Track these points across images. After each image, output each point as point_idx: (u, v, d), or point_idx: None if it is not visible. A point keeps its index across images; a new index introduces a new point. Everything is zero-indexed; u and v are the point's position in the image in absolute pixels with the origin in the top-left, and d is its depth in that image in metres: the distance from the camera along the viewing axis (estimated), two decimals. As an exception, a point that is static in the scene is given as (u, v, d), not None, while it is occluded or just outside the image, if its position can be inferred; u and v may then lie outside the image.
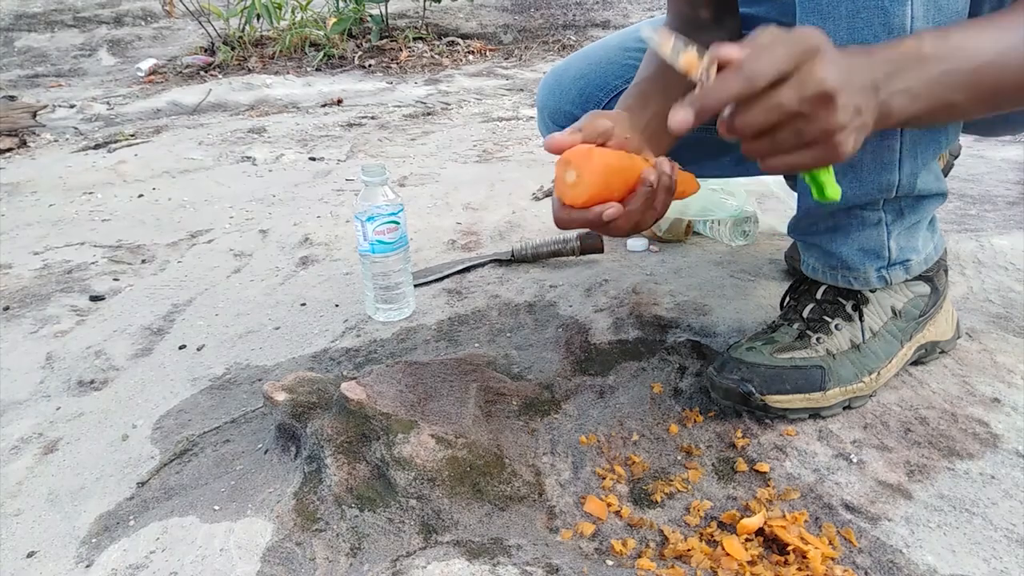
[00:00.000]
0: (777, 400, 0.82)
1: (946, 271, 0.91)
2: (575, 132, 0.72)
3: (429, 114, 2.77)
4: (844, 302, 0.87)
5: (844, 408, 0.85)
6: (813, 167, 0.60)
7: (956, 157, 1.26)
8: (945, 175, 1.08)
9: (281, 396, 0.84)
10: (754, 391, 0.81)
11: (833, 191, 0.62)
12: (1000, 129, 0.96)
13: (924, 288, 0.88)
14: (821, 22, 0.70)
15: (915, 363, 0.93)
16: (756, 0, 1.02)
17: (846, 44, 0.69)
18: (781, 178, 1.35)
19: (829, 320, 0.86)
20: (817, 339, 0.85)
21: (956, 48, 0.62)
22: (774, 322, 0.90)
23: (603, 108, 1.09)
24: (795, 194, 1.31)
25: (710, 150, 1.02)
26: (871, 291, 0.86)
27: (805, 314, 0.87)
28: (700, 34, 0.89)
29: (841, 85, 0.56)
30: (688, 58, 0.57)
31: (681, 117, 0.56)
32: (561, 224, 0.71)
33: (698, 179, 0.81)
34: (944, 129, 0.79)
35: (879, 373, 0.86)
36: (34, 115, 2.79)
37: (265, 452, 0.86)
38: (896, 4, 0.66)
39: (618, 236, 0.75)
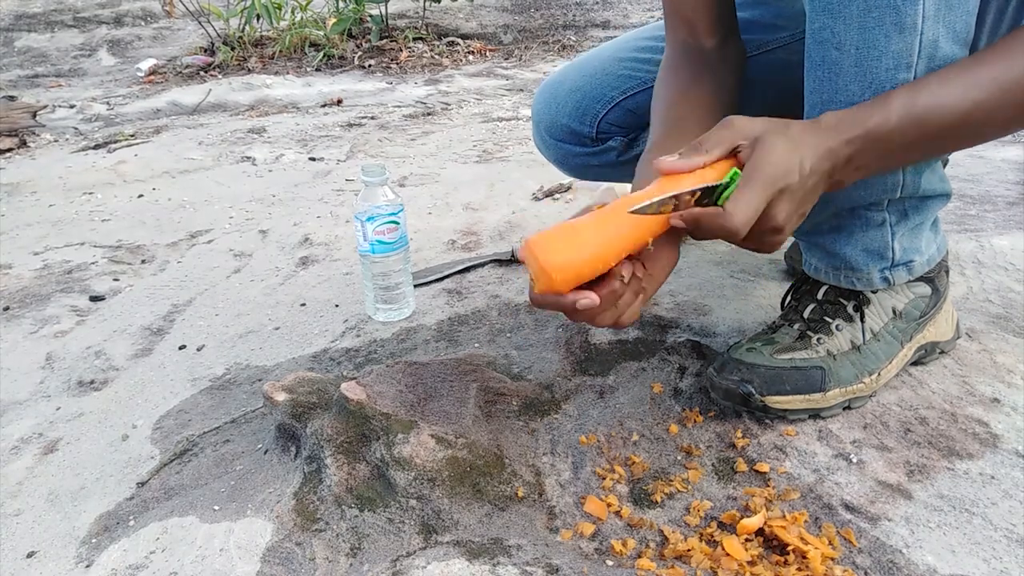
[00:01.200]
0: (777, 401, 0.82)
1: (947, 272, 0.91)
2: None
3: (429, 114, 2.77)
4: (845, 303, 0.86)
5: (844, 408, 0.85)
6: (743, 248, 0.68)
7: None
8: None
9: (281, 396, 0.84)
10: (754, 392, 0.81)
11: None
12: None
13: (925, 289, 0.88)
14: (831, 21, 0.69)
15: (915, 363, 0.93)
16: (751, 4, 1.01)
17: (856, 43, 0.68)
18: None
19: (830, 321, 0.86)
20: (818, 340, 0.84)
21: (920, 117, 0.66)
22: (774, 322, 0.90)
23: (600, 120, 1.08)
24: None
25: None
26: (872, 292, 0.86)
27: (806, 314, 0.87)
28: (704, 72, 0.87)
29: (792, 213, 0.65)
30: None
31: (676, 223, 0.65)
32: (534, 304, 0.68)
33: None
34: None
35: (879, 374, 0.86)
36: (34, 115, 2.79)
37: (265, 452, 0.86)
38: (908, 3, 0.65)
39: (601, 327, 0.74)
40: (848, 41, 0.69)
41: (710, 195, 0.64)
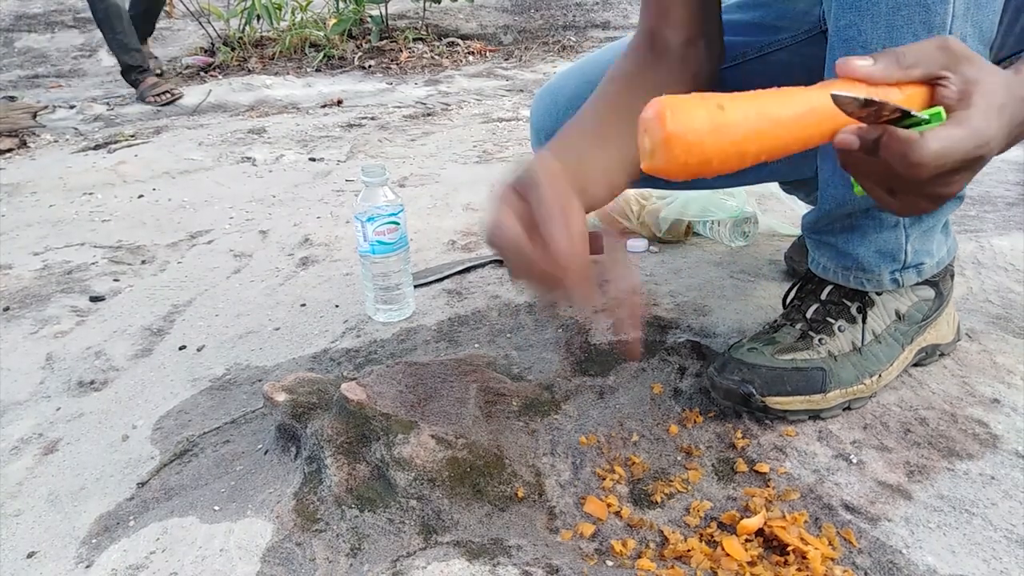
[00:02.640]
0: (777, 402, 0.82)
1: (952, 276, 0.91)
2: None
3: (429, 115, 2.77)
4: (849, 304, 0.86)
5: (844, 409, 0.85)
6: (880, 205, 0.57)
7: None
8: None
9: (281, 396, 0.84)
10: (755, 392, 0.81)
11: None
12: None
13: (929, 292, 0.88)
14: (858, 19, 0.69)
15: (915, 364, 0.93)
16: (752, 6, 1.01)
17: (883, 42, 0.67)
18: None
19: (832, 321, 0.86)
20: (819, 340, 0.84)
21: None
22: (776, 322, 0.89)
23: None
24: (793, 196, 1.32)
25: None
26: (878, 294, 0.86)
27: (809, 314, 0.87)
28: (659, 63, 0.82)
29: (970, 178, 0.54)
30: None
31: (845, 140, 0.52)
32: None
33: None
34: None
35: (880, 375, 0.86)
36: (34, 116, 2.79)
37: (265, 453, 0.86)
38: (938, 2, 0.65)
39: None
40: (875, 40, 0.68)
41: (900, 123, 0.52)
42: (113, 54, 3.21)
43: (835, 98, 0.50)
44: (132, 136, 2.61)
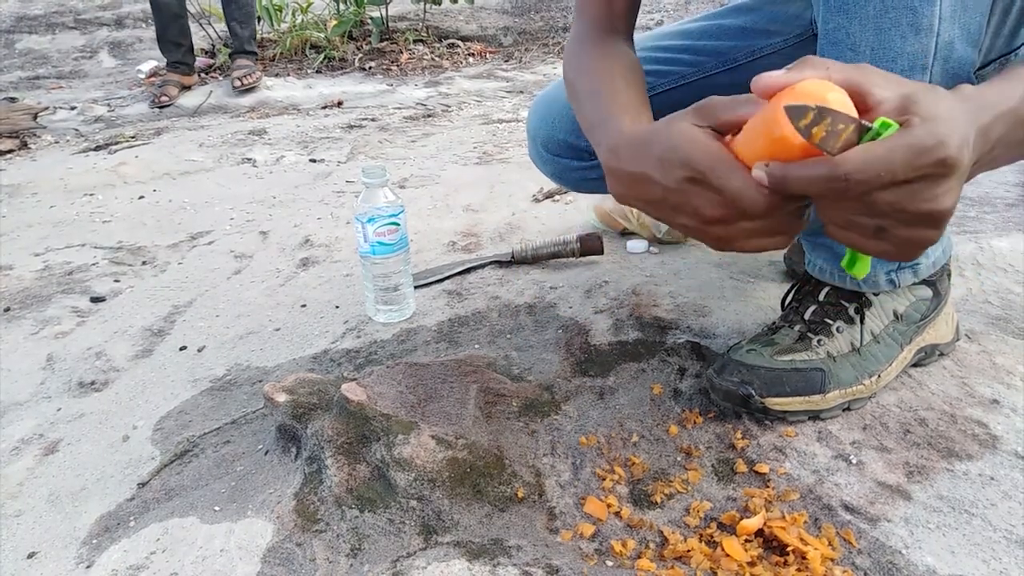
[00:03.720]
0: (777, 403, 0.82)
1: (949, 276, 0.91)
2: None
3: (429, 116, 2.78)
4: (847, 305, 0.87)
5: (843, 410, 0.85)
6: (870, 254, 0.52)
7: None
8: None
9: (281, 397, 0.85)
10: (754, 393, 0.81)
11: (862, 270, 0.55)
12: None
13: (926, 292, 0.88)
14: (847, 21, 0.69)
15: (914, 365, 0.93)
16: (743, 11, 1.01)
17: (872, 45, 0.68)
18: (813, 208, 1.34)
19: (831, 322, 0.86)
20: (818, 341, 0.85)
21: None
22: (774, 323, 0.90)
23: (590, 153, 1.07)
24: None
25: None
26: (875, 294, 0.86)
27: (807, 316, 0.87)
28: (617, 43, 0.86)
29: (955, 202, 0.48)
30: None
31: (757, 175, 0.49)
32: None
33: None
34: None
35: (879, 376, 0.86)
36: (35, 117, 2.80)
37: (265, 453, 0.87)
38: (925, 4, 0.65)
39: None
40: (863, 42, 0.68)
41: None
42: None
43: (786, 110, 0.46)
44: (133, 137, 2.61)
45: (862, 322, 0.86)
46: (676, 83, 1.01)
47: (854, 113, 0.47)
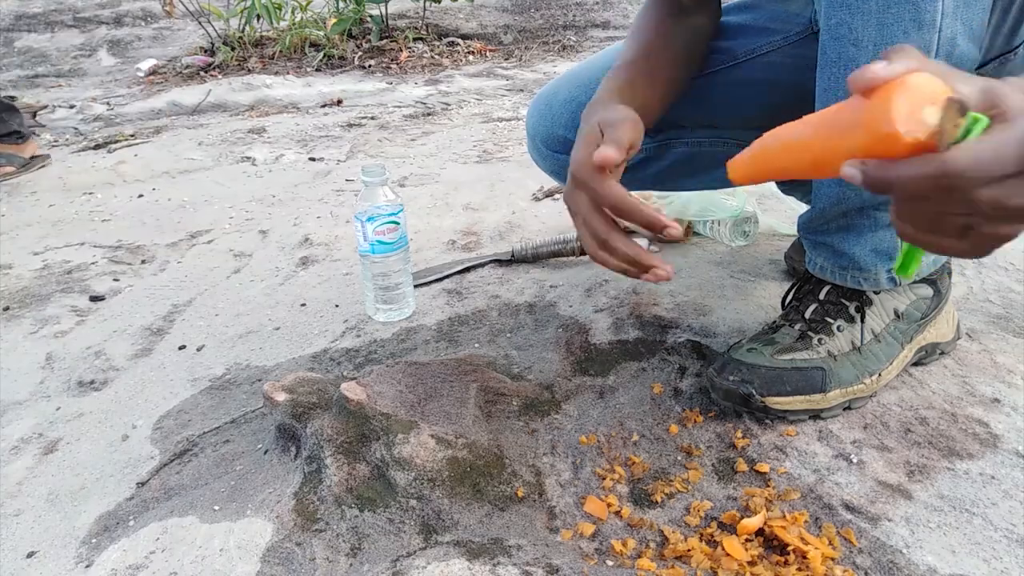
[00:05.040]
0: (777, 402, 0.82)
1: (949, 274, 0.91)
2: None
3: (429, 114, 2.77)
4: (847, 303, 0.86)
5: (844, 409, 0.85)
6: (947, 255, 0.51)
7: None
8: None
9: (281, 396, 0.84)
10: (755, 393, 0.81)
11: (913, 270, 0.53)
12: None
13: (927, 291, 0.88)
14: (849, 16, 0.69)
15: (915, 364, 0.93)
16: (743, 8, 1.01)
17: (874, 40, 0.68)
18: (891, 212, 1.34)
19: (831, 321, 0.86)
20: (819, 340, 0.84)
21: None
22: (775, 322, 0.90)
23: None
24: (792, 196, 1.32)
25: (704, 164, 1.02)
26: (876, 293, 0.86)
27: (807, 314, 0.87)
28: (680, 19, 0.91)
29: None
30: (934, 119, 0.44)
31: (848, 173, 0.47)
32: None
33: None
34: None
35: (880, 375, 0.86)
36: (34, 115, 2.79)
37: (265, 452, 0.86)
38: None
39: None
40: (866, 37, 0.69)
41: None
42: None
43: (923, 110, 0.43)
44: (132, 136, 2.61)
45: (863, 321, 0.86)
46: None
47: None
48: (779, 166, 0.55)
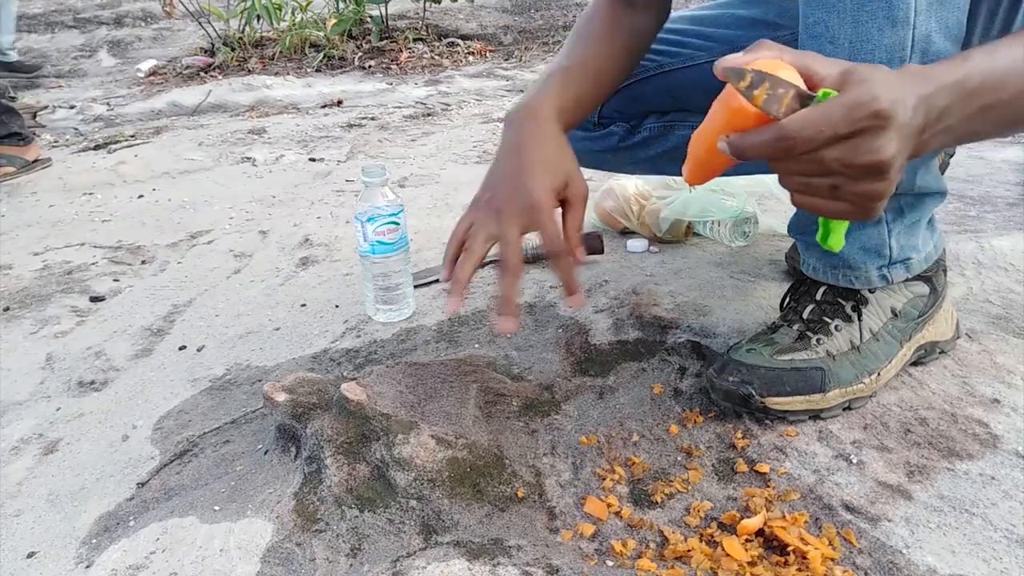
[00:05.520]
0: (777, 402, 0.82)
1: (945, 271, 0.92)
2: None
3: (429, 115, 2.77)
4: (844, 303, 0.87)
5: (844, 409, 0.85)
6: (837, 218, 0.58)
7: (952, 156, 1.26)
8: (942, 172, 1.09)
9: (281, 397, 0.84)
10: (754, 393, 0.81)
11: (837, 242, 0.59)
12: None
13: (923, 288, 0.88)
14: (825, 15, 0.70)
15: (915, 363, 0.93)
16: (754, 2, 1.02)
17: (850, 37, 0.69)
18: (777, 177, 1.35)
19: (829, 321, 0.86)
20: (817, 340, 0.85)
21: (1001, 79, 0.58)
22: (774, 323, 0.90)
23: (603, 105, 1.09)
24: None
25: None
26: (871, 291, 0.86)
27: (805, 315, 0.87)
28: (630, 11, 0.92)
29: (896, 154, 0.53)
30: (759, 93, 0.53)
31: (720, 147, 0.55)
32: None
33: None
34: None
35: (879, 374, 0.86)
36: (34, 116, 2.80)
37: (265, 453, 0.86)
38: None
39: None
40: (842, 35, 0.70)
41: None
42: None
43: (726, 72, 0.53)
44: (132, 136, 2.61)
45: (860, 320, 0.86)
46: (684, 63, 1.04)
47: (802, 85, 0.53)
48: (705, 160, 0.62)
